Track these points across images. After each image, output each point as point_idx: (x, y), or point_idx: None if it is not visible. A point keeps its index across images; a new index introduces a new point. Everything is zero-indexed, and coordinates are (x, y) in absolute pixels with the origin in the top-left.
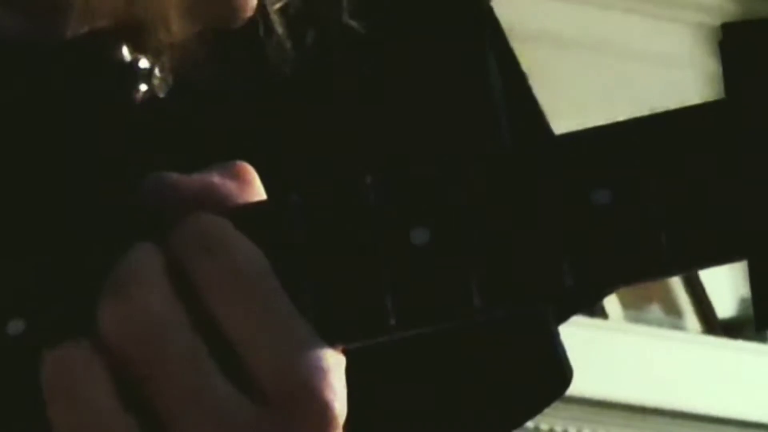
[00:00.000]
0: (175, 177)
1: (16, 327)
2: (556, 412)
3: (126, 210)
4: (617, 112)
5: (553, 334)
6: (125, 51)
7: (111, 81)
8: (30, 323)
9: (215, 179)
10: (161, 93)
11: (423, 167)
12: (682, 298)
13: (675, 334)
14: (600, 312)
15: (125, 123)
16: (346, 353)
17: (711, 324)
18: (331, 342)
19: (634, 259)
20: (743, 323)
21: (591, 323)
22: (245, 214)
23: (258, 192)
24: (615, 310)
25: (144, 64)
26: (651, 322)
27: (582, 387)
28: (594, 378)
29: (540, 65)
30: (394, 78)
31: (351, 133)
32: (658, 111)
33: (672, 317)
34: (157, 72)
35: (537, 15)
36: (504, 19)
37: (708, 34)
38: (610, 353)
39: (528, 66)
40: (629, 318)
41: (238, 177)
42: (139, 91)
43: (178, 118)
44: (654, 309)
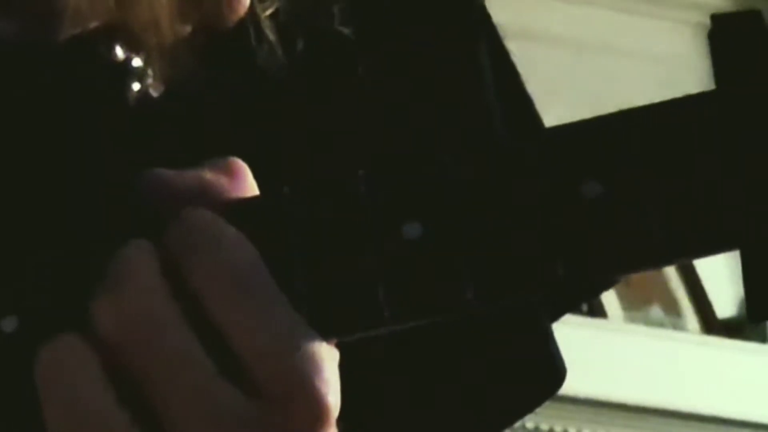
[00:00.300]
0: (169, 174)
1: (9, 324)
2: (556, 412)
3: (120, 208)
4: None
5: (547, 332)
6: (118, 50)
7: (104, 80)
8: (24, 320)
9: (208, 175)
10: (155, 92)
11: (415, 162)
12: (682, 298)
13: (675, 334)
14: (600, 312)
15: (118, 122)
16: (340, 348)
17: (711, 324)
18: (325, 336)
19: (626, 251)
20: (743, 323)
21: (591, 323)
22: (238, 209)
23: (250, 188)
24: (615, 310)
25: (137, 63)
26: (651, 322)
27: (582, 387)
28: (594, 378)
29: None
30: (386, 77)
31: (343, 132)
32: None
33: (672, 317)
34: (150, 71)
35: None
36: (501, 19)
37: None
38: (610, 353)
39: (526, 66)
40: (629, 318)
41: (230, 173)
42: (133, 90)
43: (171, 117)
44: (654, 309)
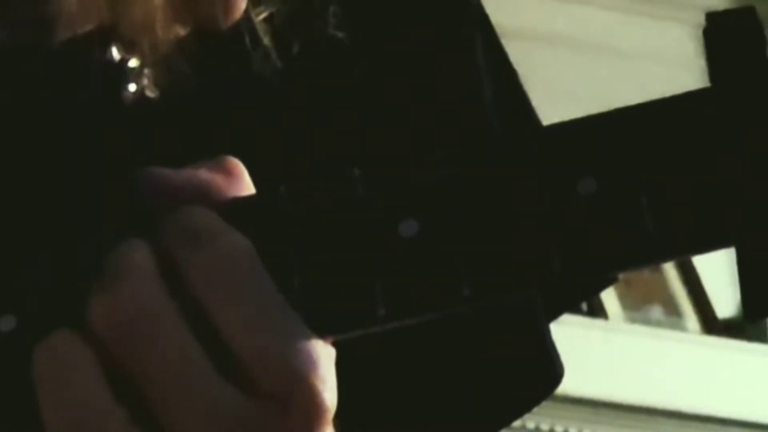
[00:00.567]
0: (165, 172)
1: (7, 323)
2: (556, 412)
3: (117, 207)
4: None
5: (544, 331)
6: (114, 51)
7: (100, 81)
8: (21, 319)
9: (204, 174)
10: (151, 93)
11: (411, 160)
12: (682, 298)
13: (675, 334)
14: (600, 312)
15: (115, 122)
16: (336, 346)
17: (711, 324)
18: (322, 333)
19: (621, 247)
20: (743, 323)
21: (591, 323)
22: (234, 207)
23: (247, 186)
24: (615, 310)
25: (133, 63)
26: (651, 322)
27: (582, 387)
28: (594, 378)
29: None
30: (382, 78)
31: (339, 133)
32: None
33: (672, 317)
34: (147, 72)
35: (535, 14)
36: (500, 19)
37: None
38: (610, 353)
39: (526, 66)
40: (629, 318)
41: (226, 171)
42: (129, 91)
43: (167, 117)
44: (654, 309)
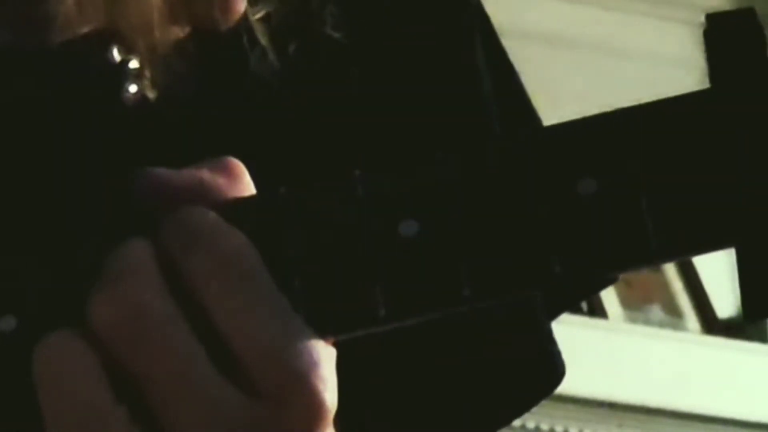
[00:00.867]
0: (165, 172)
1: (7, 323)
2: (556, 412)
3: (117, 208)
4: None
5: (546, 329)
6: (115, 52)
7: (100, 82)
8: (21, 320)
9: (205, 174)
10: (151, 94)
11: (411, 161)
12: (682, 298)
13: (675, 334)
14: (600, 312)
15: (116, 123)
16: (337, 346)
17: (711, 324)
18: (322, 334)
19: (621, 248)
20: (743, 323)
21: (591, 323)
22: (234, 207)
23: (247, 187)
24: (615, 310)
25: (134, 64)
26: (651, 322)
27: (582, 387)
28: (594, 378)
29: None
30: (380, 77)
31: (337, 133)
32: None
33: (672, 317)
34: (147, 73)
35: (535, 14)
36: (500, 19)
37: None
38: (610, 353)
39: (526, 66)
40: (629, 318)
41: (227, 171)
42: (129, 92)
43: (167, 118)
44: (654, 309)
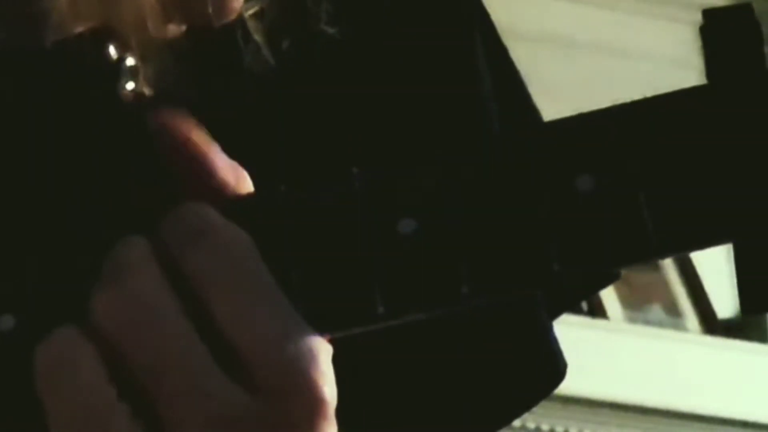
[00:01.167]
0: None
1: (6, 323)
2: (556, 412)
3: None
4: None
5: (547, 328)
6: (112, 50)
7: (97, 79)
8: (20, 319)
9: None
10: (148, 91)
11: (409, 158)
12: (682, 298)
13: (675, 334)
14: (600, 312)
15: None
16: (335, 343)
17: (711, 324)
18: (320, 331)
19: (619, 244)
20: (743, 323)
21: (591, 323)
22: (233, 205)
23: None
24: (615, 310)
25: (130, 62)
26: (651, 322)
27: (582, 387)
28: (594, 378)
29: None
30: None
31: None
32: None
33: (672, 317)
34: (144, 70)
35: (536, 15)
36: (500, 19)
37: None
38: (610, 353)
39: (526, 66)
40: (629, 318)
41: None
42: (126, 89)
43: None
44: (654, 309)
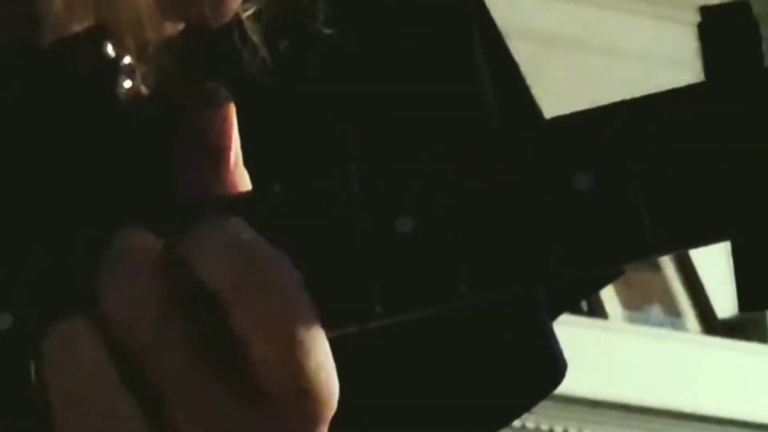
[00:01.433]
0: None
1: (4, 321)
2: (556, 412)
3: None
4: None
5: (547, 327)
6: (109, 48)
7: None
8: (18, 317)
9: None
10: (145, 90)
11: (407, 156)
12: (682, 298)
13: (675, 334)
14: (600, 312)
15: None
16: (334, 343)
17: (711, 324)
18: None
19: (617, 242)
20: (743, 323)
21: (591, 323)
22: (230, 204)
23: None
24: (615, 310)
25: (128, 60)
26: (651, 322)
27: (582, 387)
28: (594, 378)
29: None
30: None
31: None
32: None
33: (672, 317)
34: (141, 70)
35: (536, 15)
36: (500, 19)
37: None
38: (610, 353)
39: (526, 66)
40: (629, 318)
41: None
42: (124, 88)
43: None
44: (654, 309)
